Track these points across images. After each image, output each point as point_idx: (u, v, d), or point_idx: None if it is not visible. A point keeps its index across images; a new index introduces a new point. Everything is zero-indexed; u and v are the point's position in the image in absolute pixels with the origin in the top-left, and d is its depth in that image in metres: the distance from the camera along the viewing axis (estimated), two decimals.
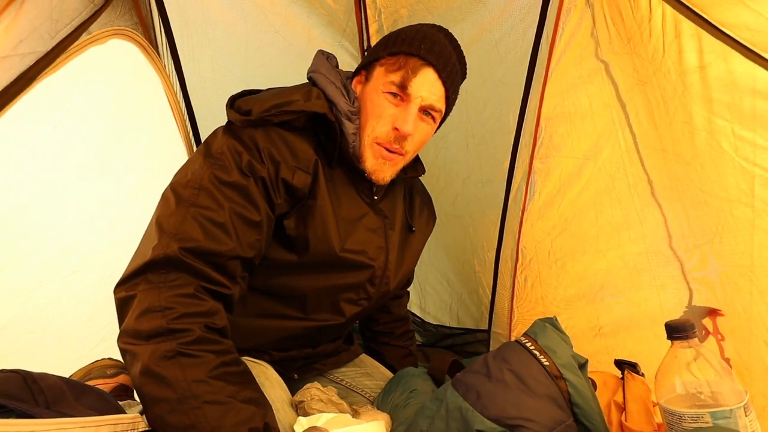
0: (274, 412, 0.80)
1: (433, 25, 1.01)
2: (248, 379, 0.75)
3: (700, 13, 0.90)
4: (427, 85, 0.94)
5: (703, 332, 1.09)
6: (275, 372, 0.98)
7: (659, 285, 1.16)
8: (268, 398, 0.83)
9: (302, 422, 0.85)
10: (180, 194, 0.81)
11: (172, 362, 0.68)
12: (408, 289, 1.37)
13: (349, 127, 0.94)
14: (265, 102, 0.89)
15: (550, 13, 1.15)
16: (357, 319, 1.09)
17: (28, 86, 0.75)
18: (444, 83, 0.96)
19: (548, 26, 1.16)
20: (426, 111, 0.96)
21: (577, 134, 1.19)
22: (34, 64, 0.74)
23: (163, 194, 0.84)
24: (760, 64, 0.87)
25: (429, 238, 1.23)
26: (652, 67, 1.00)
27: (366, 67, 1.00)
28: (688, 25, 0.93)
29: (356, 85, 1.00)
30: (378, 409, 0.98)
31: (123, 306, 0.74)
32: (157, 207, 0.83)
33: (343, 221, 0.97)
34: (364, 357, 1.26)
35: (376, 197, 1.04)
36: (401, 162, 1.00)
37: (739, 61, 0.89)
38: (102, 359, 1.15)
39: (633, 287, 1.20)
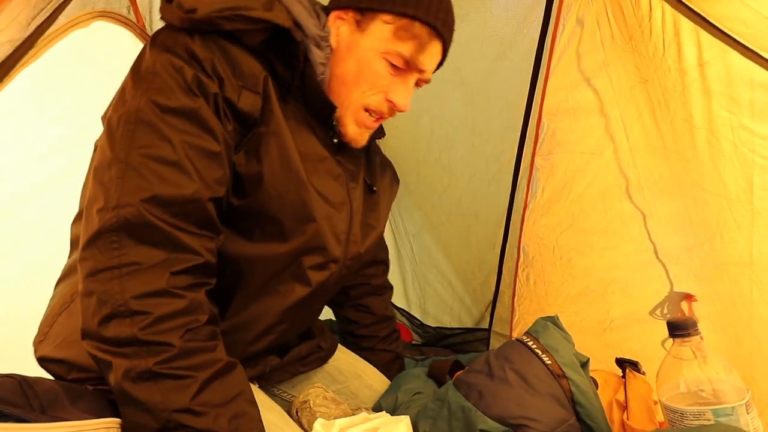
0: None
1: None
2: (235, 388, 0.65)
3: (698, 11, 0.90)
4: (432, 60, 0.83)
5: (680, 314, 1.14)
6: (257, 389, 0.86)
7: (665, 281, 1.16)
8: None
9: (318, 428, 0.79)
10: (114, 135, 0.64)
11: (150, 385, 0.59)
12: (392, 284, 1.27)
13: (317, 55, 0.78)
14: (218, 2, 0.69)
15: (553, 10, 1.14)
16: (327, 293, 0.91)
17: (7, 75, 0.73)
18: (443, 56, 0.85)
19: (551, 22, 1.15)
20: (417, 82, 0.86)
21: (581, 130, 1.18)
22: (12, 52, 0.71)
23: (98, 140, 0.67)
24: (756, 62, 0.87)
25: (428, 236, 1.19)
26: (653, 65, 1.00)
27: (362, 11, 0.81)
28: (686, 24, 0.93)
29: (336, 21, 0.82)
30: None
31: (83, 297, 0.62)
32: (93, 156, 0.68)
33: (304, 157, 0.78)
34: (342, 366, 1.09)
35: (335, 141, 0.86)
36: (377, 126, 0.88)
37: (738, 58, 0.89)
38: None
39: (641, 283, 1.20)
